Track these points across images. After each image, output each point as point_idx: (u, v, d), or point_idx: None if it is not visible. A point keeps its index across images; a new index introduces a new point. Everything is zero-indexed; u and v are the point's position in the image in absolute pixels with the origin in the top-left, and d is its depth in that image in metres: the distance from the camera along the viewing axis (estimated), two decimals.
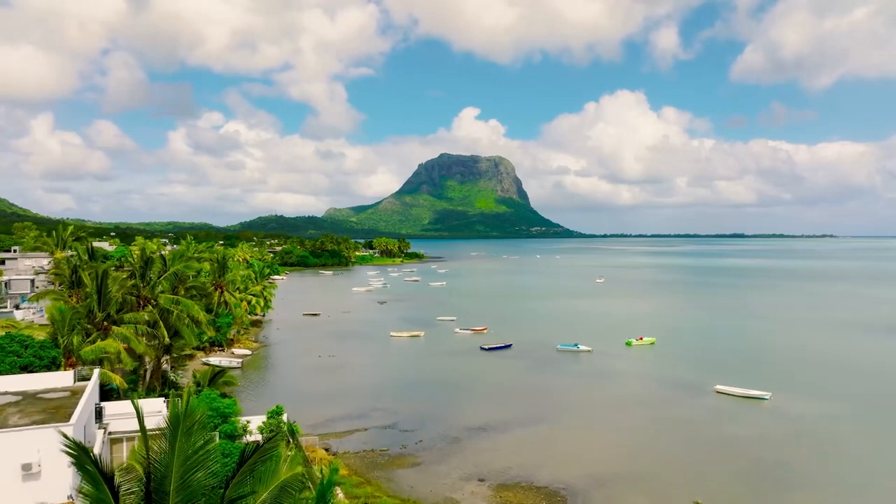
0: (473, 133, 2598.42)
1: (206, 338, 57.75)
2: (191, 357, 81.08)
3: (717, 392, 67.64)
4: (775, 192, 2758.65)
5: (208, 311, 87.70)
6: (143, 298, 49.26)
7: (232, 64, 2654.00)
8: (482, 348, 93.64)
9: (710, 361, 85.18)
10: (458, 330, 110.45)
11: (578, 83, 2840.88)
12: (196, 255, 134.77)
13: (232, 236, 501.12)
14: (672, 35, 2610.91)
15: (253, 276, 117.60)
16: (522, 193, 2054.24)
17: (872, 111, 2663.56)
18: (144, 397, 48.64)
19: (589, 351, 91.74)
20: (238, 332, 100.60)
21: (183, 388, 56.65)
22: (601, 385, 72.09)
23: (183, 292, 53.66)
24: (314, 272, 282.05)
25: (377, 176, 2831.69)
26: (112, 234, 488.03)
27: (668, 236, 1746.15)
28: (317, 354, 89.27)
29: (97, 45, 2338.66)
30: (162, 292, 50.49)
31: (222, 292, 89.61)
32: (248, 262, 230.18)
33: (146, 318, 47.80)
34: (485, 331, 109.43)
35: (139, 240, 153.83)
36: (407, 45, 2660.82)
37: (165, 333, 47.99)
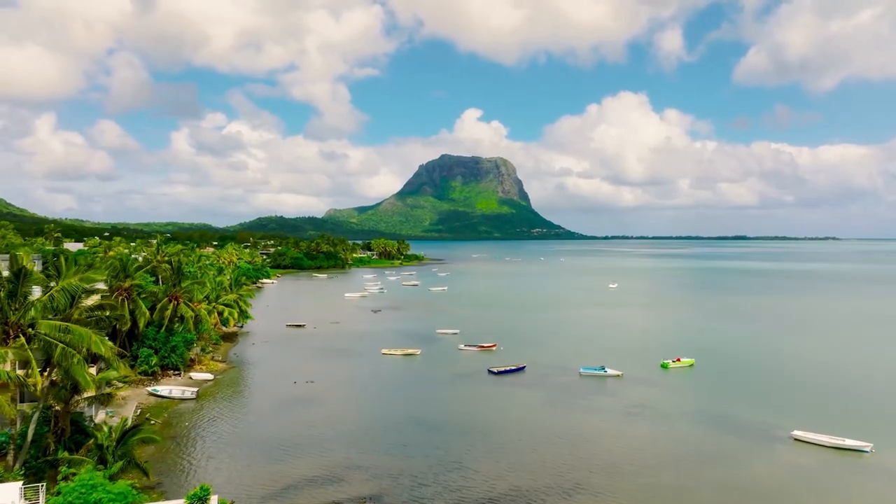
0: (476, 134, 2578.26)
1: (104, 377, 42.00)
2: (128, 387, 66.12)
3: (797, 440, 52.50)
4: (777, 194, 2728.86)
5: (158, 327, 72.97)
6: (14, 326, 34.29)
7: (236, 64, 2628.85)
8: (490, 372, 78.55)
9: (771, 392, 69.89)
10: (462, 346, 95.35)
11: (582, 85, 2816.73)
12: (166, 258, 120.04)
13: (227, 237, 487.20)
14: (676, 37, 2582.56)
15: (226, 283, 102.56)
16: (523, 195, 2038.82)
17: (875, 113, 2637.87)
18: (11, 477, 33.60)
19: (618, 376, 76.67)
20: (203, 349, 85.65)
21: (95, 445, 41.62)
22: (643, 427, 56.91)
23: (79, 315, 38.61)
24: (308, 275, 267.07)
25: (379, 177, 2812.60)
26: (106, 234, 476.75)
27: (670, 238, 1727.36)
28: (292, 380, 74.16)
29: (102, 46, 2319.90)
30: (46, 317, 35.43)
31: (178, 304, 74.48)
32: (236, 265, 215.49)
33: (11, 355, 32.76)
34: (493, 348, 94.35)
35: (107, 242, 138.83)
36: (412, 46, 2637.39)
37: (38, 378, 32.94)
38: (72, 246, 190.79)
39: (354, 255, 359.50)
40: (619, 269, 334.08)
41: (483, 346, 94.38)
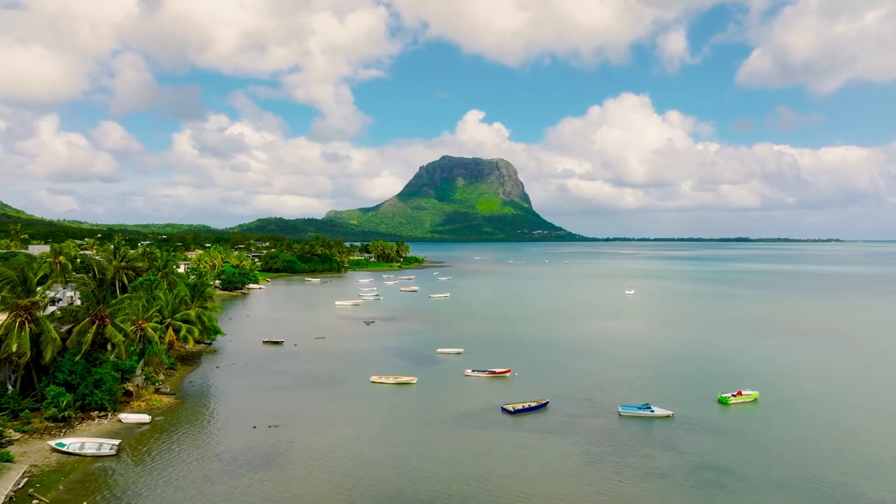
0: (477, 136, 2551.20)
1: None
2: (26, 437, 49.63)
3: None
4: (779, 195, 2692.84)
5: (76, 355, 56.51)
6: None
7: (240, 66, 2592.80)
8: (505, 410, 62.07)
9: (883, 445, 53.30)
10: (468, 372, 78.86)
11: (584, 86, 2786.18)
12: (123, 263, 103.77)
13: (221, 238, 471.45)
14: (680, 39, 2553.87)
15: (187, 294, 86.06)
16: (524, 196, 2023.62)
17: (878, 115, 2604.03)
18: None
19: (668, 417, 60.29)
20: (148, 377, 69.15)
21: None
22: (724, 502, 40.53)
23: None
24: (301, 279, 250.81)
25: (381, 179, 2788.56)
26: (98, 235, 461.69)
27: (672, 240, 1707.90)
28: (252, 423, 57.77)
29: (107, 47, 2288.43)
30: None
31: (103, 326, 58.00)
32: (221, 268, 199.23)
33: None
34: (507, 374, 77.93)
35: (57, 245, 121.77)
36: (416, 48, 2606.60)
37: None
38: (37, 248, 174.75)
39: (351, 257, 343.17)
40: (630, 273, 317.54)
41: (494, 373, 77.90)
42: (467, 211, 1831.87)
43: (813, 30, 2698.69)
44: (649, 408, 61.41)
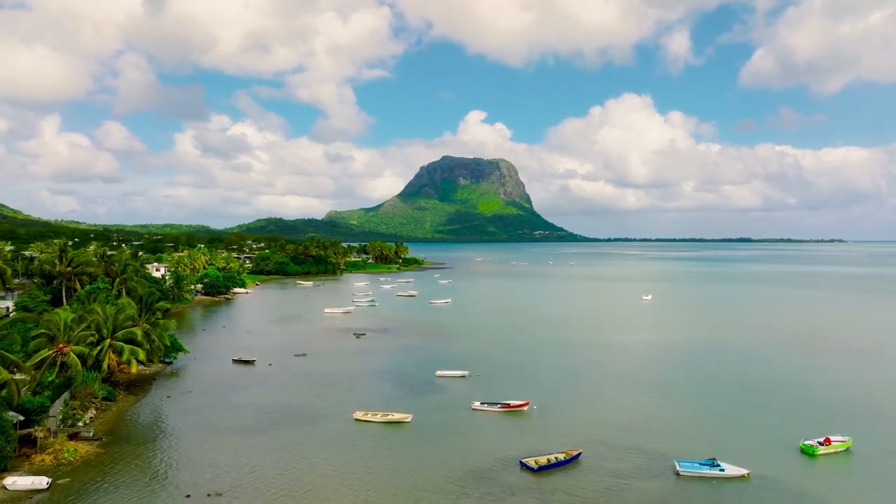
0: (479, 136, 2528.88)
1: None
2: None
3: None
4: (781, 196, 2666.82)
5: None
6: None
7: (243, 66, 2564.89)
8: (525, 466, 47.06)
9: None
10: (476, 405, 63.76)
11: (586, 87, 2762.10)
12: (69, 267, 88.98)
13: (216, 238, 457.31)
14: (683, 39, 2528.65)
15: (132, 308, 70.92)
16: (526, 196, 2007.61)
17: (880, 115, 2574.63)
18: None
19: (743, 477, 45.33)
20: (67, 418, 54.31)
21: None
22: None
23: None
24: (294, 282, 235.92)
25: (383, 179, 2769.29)
26: (91, 236, 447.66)
27: (673, 240, 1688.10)
28: (186, 490, 42.84)
29: (110, 48, 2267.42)
30: None
31: None
32: (205, 271, 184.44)
33: None
34: (524, 408, 62.94)
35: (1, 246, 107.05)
36: (420, 49, 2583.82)
37: None
38: None
39: (348, 258, 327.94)
40: (641, 275, 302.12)
41: (508, 406, 62.87)
42: (469, 211, 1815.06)
43: (817, 30, 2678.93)
44: (717, 465, 46.35)
